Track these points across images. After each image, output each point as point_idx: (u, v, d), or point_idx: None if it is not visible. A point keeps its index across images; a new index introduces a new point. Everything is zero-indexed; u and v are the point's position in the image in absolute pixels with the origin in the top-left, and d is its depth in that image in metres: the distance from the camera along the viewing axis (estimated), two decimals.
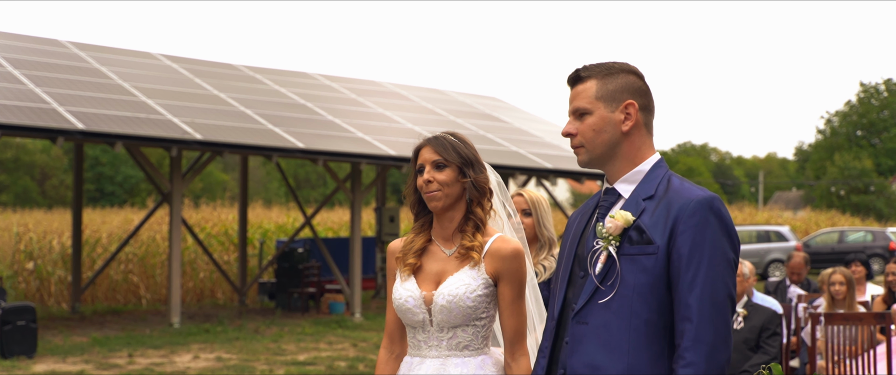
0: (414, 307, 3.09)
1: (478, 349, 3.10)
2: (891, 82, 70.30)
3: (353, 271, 16.67)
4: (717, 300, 2.50)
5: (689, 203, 2.55)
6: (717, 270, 2.51)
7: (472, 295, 3.04)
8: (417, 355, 3.15)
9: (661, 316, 2.55)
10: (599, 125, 2.67)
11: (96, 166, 48.74)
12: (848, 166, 56.37)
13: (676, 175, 2.69)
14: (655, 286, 2.55)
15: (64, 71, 16.49)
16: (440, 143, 3.14)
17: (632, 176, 2.69)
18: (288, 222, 26.47)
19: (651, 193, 2.63)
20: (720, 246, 2.53)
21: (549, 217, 4.72)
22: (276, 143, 15.38)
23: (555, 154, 19.81)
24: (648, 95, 2.72)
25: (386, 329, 3.29)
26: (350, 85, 22.01)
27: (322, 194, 53.54)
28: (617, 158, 2.70)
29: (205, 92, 17.66)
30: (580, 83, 2.72)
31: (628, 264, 2.58)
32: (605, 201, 2.73)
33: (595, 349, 2.58)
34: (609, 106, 2.67)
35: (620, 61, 2.74)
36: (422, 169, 3.13)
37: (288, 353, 12.41)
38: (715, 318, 2.48)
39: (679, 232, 2.53)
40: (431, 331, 3.10)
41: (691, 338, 2.47)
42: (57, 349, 12.51)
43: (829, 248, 28.58)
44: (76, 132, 13.56)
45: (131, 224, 23.11)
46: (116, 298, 19.34)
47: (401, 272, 3.16)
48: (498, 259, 3.07)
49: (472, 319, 3.07)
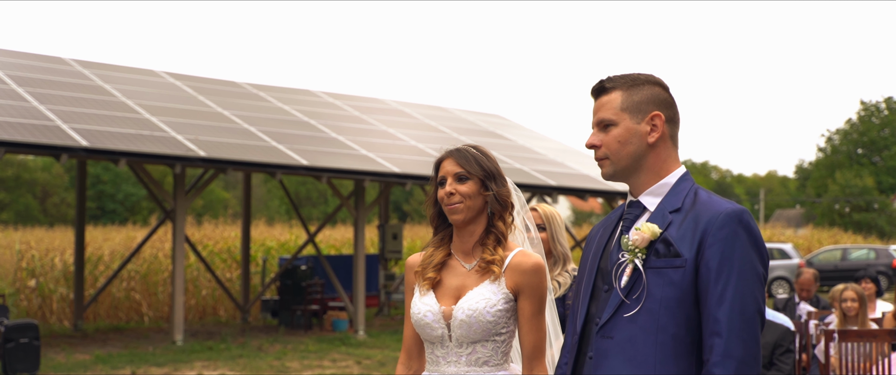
0: (433, 322, 3.04)
1: (498, 364, 3.05)
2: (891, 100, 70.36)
3: (356, 288, 16.61)
4: (747, 314, 2.45)
5: (718, 216, 2.50)
6: (746, 284, 2.46)
7: (492, 310, 2.99)
8: (436, 370, 3.09)
9: (688, 331, 2.50)
10: (625, 137, 2.62)
11: (97, 183, 48.73)
12: (849, 184, 56.35)
13: (703, 188, 2.64)
14: (683, 301, 2.49)
15: (67, 88, 16.49)
16: (462, 155, 3.11)
17: (657, 189, 2.64)
18: (290, 239, 26.42)
19: (678, 205, 2.59)
20: (749, 260, 2.48)
21: (564, 232, 4.69)
22: (279, 160, 15.35)
23: (558, 171, 19.77)
24: (674, 106, 2.68)
25: (403, 345, 3.24)
26: (353, 102, 22.02)
27: (323, 212, 53.48)
28: (642, 170, 2.65)
29: (208, 109, 17.65)
30: (605, 94, 2.68)
31: (655, 277, 2.53)
32: (629, 213, 2.69)
33: (620, 364, 2.53)
34: (635, 117, 2.63)
35: (645, 72, 2.70)
36: (443, 181, 3.10)
37: (292, 371, 12.34)
38: (744, 333, 2.43)
39: (708, 245, 2.48)
40: (450, 347, 3.05)
41: (720, 353, 2.42)
42: (60, 366, 12.44)
43: (832, 265, 28.52)
44: (80, 149, 13.53)
45: (133, 242, 23.07)
46: (119, 315, 19.26)
47: (420, 287, 3.12)
48: (518, 273, 3.03)
49: (492, 334, 3.02)
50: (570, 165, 20.87)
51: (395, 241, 20.25)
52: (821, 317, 8.10)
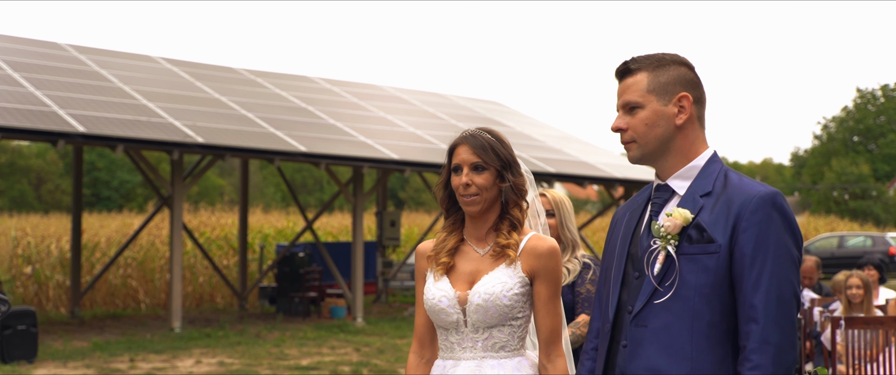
0: (447, 308, 2.99)
1: (514, 349, 3.01)
2: (887, 88, 70.43)
3: (354, 275, 16.56)
4: (784, 299, 2.40)
5: (752, 199, 2.45)
6: (782, 268, 2.41)
7: (508, 294, 2.95)
8: (450, 357, 3.04)
9: (724, 318, 2.45)
10: (652, 119, 2.57)
11: (92, 170, 48.57)
12: (845, 172, 56.37)
13: (733, 170, 2.59)
14: (718, 287, 2.44)
15: (64, 74, 16.38)
16: (479, 143, 3.03)
17: (686, 172, 2.58)
18: (287, 226, 26.36)
19: (708, 189, 2.53)
20: (784, 244, 2.43)
21: (573, 218, 4.63)
22: (277, 146, 15.27)
23: (557, 158, 19.72)
24: (700, 86, 2.62)
25: (415, 333, 3.19)
26: (351, 89, 21.93)
27: (319, 200, 53.38)
28: (670, 153, 2.59)
29: (206, 95, 17.56)
30: (629, 76, 2.62)
31: (688, 264, 2.47)
32: (657, 197, 2.62)
33: (656, 353, 2.48)
34: (662, 99, 2.57)
35: (671, 53, 2.63)
36: (458, 169, 3.03)
37: (290, 358, 12.30)
38: (781, 319, 2.39)
39: (741, 230, 2.43)
40: (466, 332, 3.00)
41: (758, 340, 2.37)
42: (57, 353, 12.38)
43: (828, 253, 28.54)
44: (77, 135, 13.44)
45: (130, 229, 23.00)
46: (115, 302, 19.21)
47: (434, 272, 3.06)
48: (534, 257, 2.99)
49: (509, 318, 2.97)
50: (569, 152, 20.82)
51: (393, 228, 20.20)
52: (825, 305, 8.07)
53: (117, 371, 11.10)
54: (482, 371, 2.97)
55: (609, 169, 19.95)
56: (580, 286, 4.46)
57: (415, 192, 56.24)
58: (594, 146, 22.86)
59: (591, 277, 4.49)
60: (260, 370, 11.31)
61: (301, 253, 18.44)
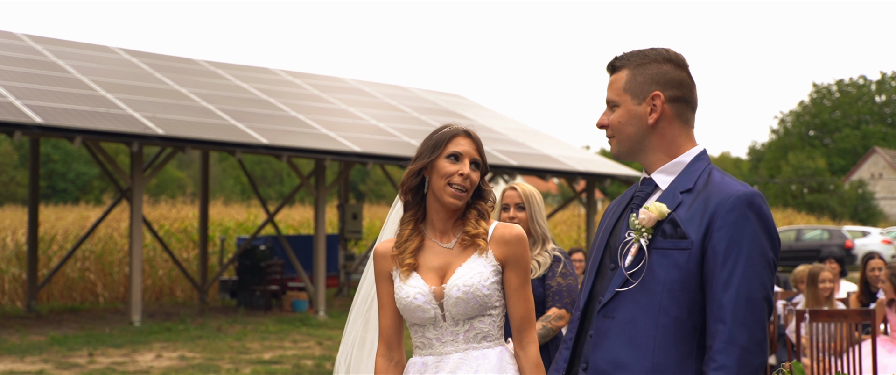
0: (424, 304, 2.96)
1: (496, 339, 3.01)
2: (843, 83, 71.43)
3: (316, 268, 16.46)
4: (753, 301, 2.36)
5: (729, 198, 2.43)
6: (754, 269, 2.38)
7: (486, 283, 2.95)
8: (430, 353, 3.01)
9: (690, 315, 2.42)
10: (625, 118, 2.58)
11: (48, 162, 47.87)
12: (802, 166, 57.09)
13: (718, 169, 2.56)
14: (687, 284, 2.42)
15: (20, 64, 16.10)
16: (479, 142, 3.11)
17: (670, 167, 2.58)
18: (248, 219, 26.16)
19: (690, 186, 2.51)
20: (759, 245, 2.40)
21: (543, 212, 4.61)
22: (239, 138, 15.13)
23: (519, 151, 19.74)
24: (683, 85, 2.59)
25: (381, 337, 3.11)
26: (313, 81, 21.79)
27: (279, 193, 53.04)
28: (647, 150, 2.59)
29: (165, 87, 17.34)
30: (614, 73, 2.64)
31: (659, 258, 2.46)
32: (641, 191, 2.62)
33: (620, 345, 2.46)
34: (635, 99, 2.57)
35: (660, 48, 2.62)
36: (458, 157, 3.01)
37: (252, 352, 12.20)
38: (750, 320, 2.35)
39: (716, 228, 2.41)
40: (445, 327, 2.98)
41: (724, 340, 2.34)
42: (14, 348, 12.17)
43: (786, 246, 28.86)
44: (34, 126, 13.21)
45: (87, 222, 22.68)
46: (73, 296, 18.93)
47: (401, 273, 3.03)
48: (502, 244, 3.00)
49: (488, 308, 2.97)
50: (531, 144, 20.84)
51: (355, 221, 20.12)
52: (788, 298, 8.13)
53: (76, 366, 10.93)
54: (467, 362, 2.95)
55: (571, 162, 19.99)
56: (551, 280, 4.44)
57: (375, 184, 56.06)
58: (556, 140, 22.91)
59: (561, 270, 4.47)
60: (222, 364, 11.20)
61: (262, 246, 18.30)
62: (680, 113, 2.59)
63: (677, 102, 2.58)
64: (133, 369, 10.85)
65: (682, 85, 2.59)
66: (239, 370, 10.82)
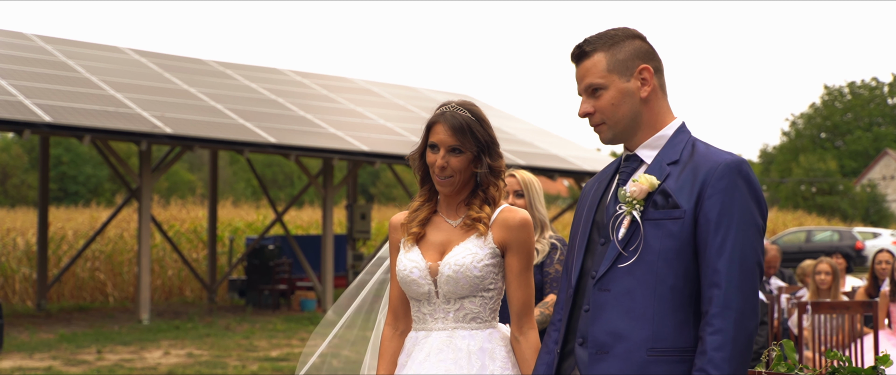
0: (419, 278, 2.99)
1: (486, 321, 3.01)
2: (854, 85, 71.18)
3: (324, 267, 16.50)
4: (747, 265, 2.42)
5: (718, 167, 2.47)
6: (746, 235, 2.43)
7: (479, 265, 2.95)
8: (422, 328, 3.04)
9: (686, 283, 2.47)
10: (618, 98, 2.57)
11: (58, 165, 48.05)
12: (813, 168, 56.87)
13: (701, 140, 2.61)
14: (681, 252, 2.46)
15: (30, 64, 16.19)
16: (458, 124, 2.96)
17: (654, 141, 2.60)
18: (257, 219, 26.22)
19: (675, 158, 2.55)
20: (749, 211, 2.45)
21: (542, 199, 4.62)
22: (247, 137, 15.18)
23: (528, 151, 19.75)
24: (657, 56, 2.63)
25: (390, 306, 3.18)
26: (321, 81, 21.85)
27: (289, 195, 53.11)
28: (640, 127, 2.60)
29: (174, 86, 17.42)
30: (586, 58, 2.61)
31: (653, 229, 2.49)
32: (626, 167, 2.64)
33: (618, 316, 2.49)
34: (623, 76, 2.57)
35: (621, 27, 2.64)
36: (435, 147, 2.98)
37: (260, 349, 12.23)
38: (744, 284, 2.41)
39: (707, 196, 2.45)
40: (437, 303, 3.00)
41: (720, 304, 2.39)
42: (24, 345, 12.24)
43: (796, 247, 28.79)
44: (43, 125, 13.29)
45: (97, 222, 22.78)
46: (83, 295, 19.02)
47: (405, 242, 3.06)
48: (505, 229, 2.99)
49: (480, 289, 2.98)
50: (540, 145, 20.85)
51: (364, 221, 20.15)
52: (793, 292, 8.14)
53: (84, 363, 10.98)
54: (453, 341, 2.96)
55: (579, 162, 20.00)
56: (549, 266, 4.46)
57: (386, 187, 56.11)
58: (565, 140, 22.92)
59: (559, 257, 4.48)
60: (229, 361, 11.24)
61: (271, 246, 18.35)
62: (662, 84, 2.64)
63: (660, 74, 2.63)
64: (141, 366, 10.89)
65: (657, 56, 2.63)
66: (246, 367, 10.86)
